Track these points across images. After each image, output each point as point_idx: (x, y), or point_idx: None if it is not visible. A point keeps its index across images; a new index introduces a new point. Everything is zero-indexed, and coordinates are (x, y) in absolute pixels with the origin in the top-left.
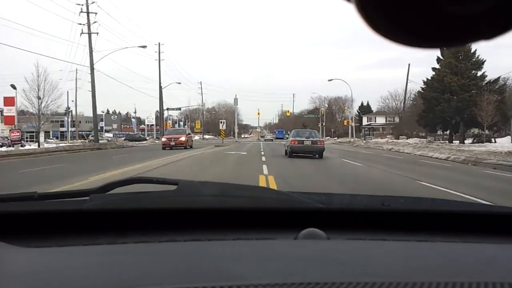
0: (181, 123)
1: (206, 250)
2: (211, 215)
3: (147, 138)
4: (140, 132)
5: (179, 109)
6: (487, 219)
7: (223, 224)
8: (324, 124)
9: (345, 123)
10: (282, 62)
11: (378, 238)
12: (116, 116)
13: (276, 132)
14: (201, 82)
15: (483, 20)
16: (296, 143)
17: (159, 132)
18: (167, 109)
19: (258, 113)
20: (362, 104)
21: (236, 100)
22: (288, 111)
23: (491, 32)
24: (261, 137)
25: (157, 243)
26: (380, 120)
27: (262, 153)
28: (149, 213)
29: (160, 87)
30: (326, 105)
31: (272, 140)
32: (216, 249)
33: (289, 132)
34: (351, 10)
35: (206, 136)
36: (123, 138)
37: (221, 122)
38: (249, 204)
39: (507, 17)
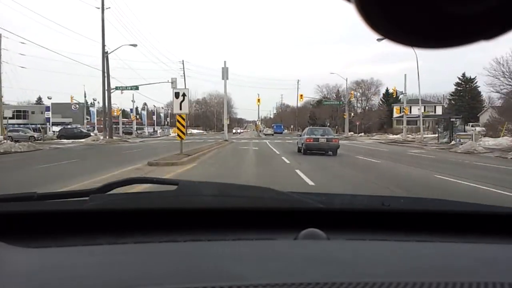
0: (161, 114)
1: (206, 250)
2: (211, 215)
3: (92, 133)
4: (79, 126)
5: (137, 88)
6: (487, 219)
7: (223, 224)
8: (352, 115)
9: (397, 112)
10: (277, 57)
11: (378, 238)
12: (77, 106)
13: (274, 127)
14: (183, 60)
15: (483, 20)
16: (311, 140)
17: (128, 127)
18: (117, 88)
19: (258, 99)
20: (387, 90)
21: (225, 71)
22: (302, 95)
23: (491, 32)
24: (259, 131)
25: (157, 243)
26: (416, 110)
27: None
28: (149, 213)
29: (104, 50)
30: (335, 95)
31: (272, 134)
32: (216, 249)
33: (292, 127)
34: (350, 10)
35: (194, 131)
36: (58, 134)
37: (178, 96)
38: (249, 204)
39: (507, 17)
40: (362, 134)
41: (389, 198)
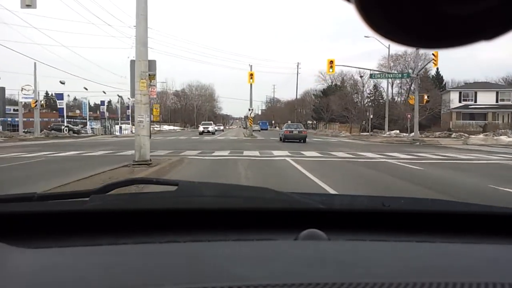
0: (117, 105)
1: (207, 251)
2: (211, 215)
3: None
4: None
5: None
6: (487, 219)
7: (223, 224)
8: (426, 98)
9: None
10: (269, 48)
11: (379, 239)
12: None
13: (260, 124)
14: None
15: (483, 20)
16: (288, 132)
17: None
18: None
19: (251, 74)
20: (425, 70)
21: None
22: (332, 61)
23: (491, 32)
24: (244, 128)
25: (158, 243)
26: (485, 98)
27: None
28: (149, 214)
29: None
30: (339, 83)
31: (259, 130)
32: (217, 249)
33: (289, 122)
34: (349, 8)
35: (167, 127)
36: None
37: None
38: (249, 204)
39: (507, 17)
40: (446, 135)
41: (389, 198)
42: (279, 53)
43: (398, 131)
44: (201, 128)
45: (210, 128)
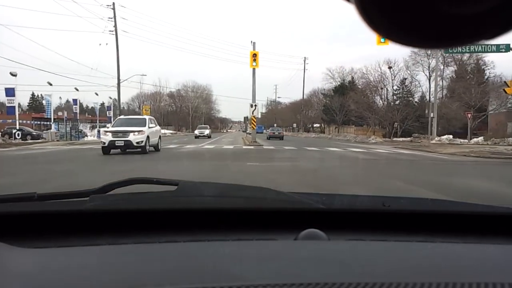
0: (95, 106)
1: (206, 251)
2: (211, 215)
3: None
4: None
5: None
6: (488, 219)
7: (223, 224)
8: None
9: None
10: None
11: (379, 239)
12: None
13: (256, 128)
14: (113, 3)
15: (483, 20)
16: (272, 133)
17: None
18: None
19: (255, 54)
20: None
21: None
22: None
23: (491, 32)
24: (244, 131)
25: (157, 243)
26: None
27: None
28: (149, 214)
29: None
30: (347, 83)
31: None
32: (216, 249)
33: (295, 125)
34: (350, 9)
35: (163, 131)
36: None
37: None
38: (249, 204)
39: (507, 17)
40: None
41: (389, 198)
42: (279, 52)
43: (451, 136)
44: (105, 136)
45: (135, 137)
